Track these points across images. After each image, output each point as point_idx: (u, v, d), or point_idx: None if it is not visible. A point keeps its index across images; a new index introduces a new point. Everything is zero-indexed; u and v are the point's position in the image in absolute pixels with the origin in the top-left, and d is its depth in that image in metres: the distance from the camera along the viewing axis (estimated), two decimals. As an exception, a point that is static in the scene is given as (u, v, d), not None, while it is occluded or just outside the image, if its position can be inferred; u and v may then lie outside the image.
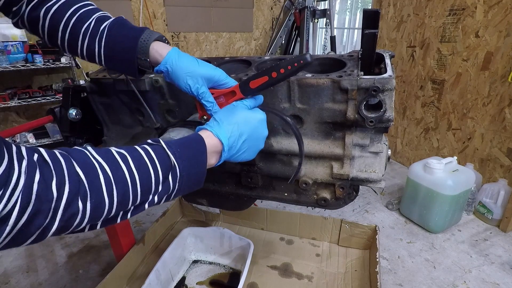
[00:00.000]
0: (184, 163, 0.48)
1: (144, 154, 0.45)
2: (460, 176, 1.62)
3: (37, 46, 2.49)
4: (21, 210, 0.31)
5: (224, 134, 0.54)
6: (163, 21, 3.25)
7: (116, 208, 0.41)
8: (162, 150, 0.47)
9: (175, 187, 0.48)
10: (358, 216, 1.85)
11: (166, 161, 0.46)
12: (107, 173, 0.40)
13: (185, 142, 0.51)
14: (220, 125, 0.55)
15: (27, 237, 0.34)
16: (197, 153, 0.51)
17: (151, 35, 0.60)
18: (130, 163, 0.43)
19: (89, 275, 1.42)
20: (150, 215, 1.87)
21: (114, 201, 0.40)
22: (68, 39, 0.61)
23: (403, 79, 2.40)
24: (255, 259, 1.22)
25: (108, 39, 0.60)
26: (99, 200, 0.39)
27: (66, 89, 0.90)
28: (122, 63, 0.62)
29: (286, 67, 0.55)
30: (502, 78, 1.74)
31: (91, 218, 0.39)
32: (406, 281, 1.38)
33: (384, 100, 0.63)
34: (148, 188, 0.44)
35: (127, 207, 0.43)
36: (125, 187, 0.42)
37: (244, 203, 0.94)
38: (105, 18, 0.61)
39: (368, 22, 0.61)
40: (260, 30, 3.82)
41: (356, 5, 3.42)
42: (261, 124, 0.61)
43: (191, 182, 0.51)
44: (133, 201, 0.43)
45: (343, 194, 0.76)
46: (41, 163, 0.34)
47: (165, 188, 0.47)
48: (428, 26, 2.11)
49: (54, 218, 0.35)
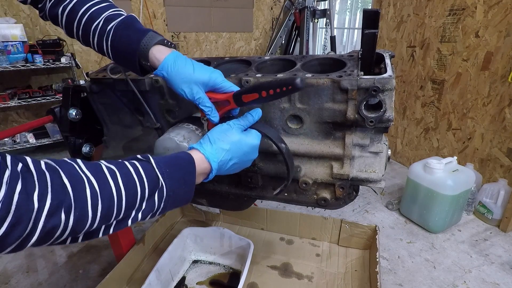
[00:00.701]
0: (172, 182, 0.49)
1: (133, 170, 0.45)
2: (460, 176, 1.62)
3: (37, 46, 2.49)
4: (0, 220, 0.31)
5: (214, 158, 0.56)
6: (163, 21, 3.25)
7: (99, 222, 0.41)
8: (151, 169, 0.47)
9: (160, 205, 0.49)
10: (358, 216, 1.85)
11: (154, 180, 0.47)
12: (94, 187, 0.40)
13: (175, 162, 0.51)
14: (212, 147, 0.56)
15: (4, 247, 0.33)
16: (185, 174, 0.52)
17: (152, 39, 0.61)
18: (118, 179, 0.43)
19: (89, 275, 1.42)
20: (150, 215, 1.87)
21: (98, 215, 0.40)
22: (82, 35, 0.65)
23: (403, 79, 2.40)
24: (255, 259, 1.22)
25: (114, 39, 0.62)
26: (82, 213, 0.38)
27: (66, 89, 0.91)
28: (127, 63, 0.64)
29: (275, 89, 0.55)
30: (502, 78, 1.74)
31: (72, 230, 0.38)
32: (406, 281, 1.38)
33: (384, 100, 0.63)
34: (132, 204, 0.45)
35: (109, 221, 0.43)
36: (110, 202, 0.42)
37: (244, 203, 0.94)
38: (114, 17, 0.63)
39: (368, 22, 0.61)
40: (260, 30, 3.82)
41: (356, 5, 3.42)
42: (253, 149, 0.62)
43: (177, 200, 0.52)
44: (116, 215, 0.43)
45: (343, 194, 0.76)
46: (24, 174, 0.34)
47: (150, 206, 0.47)
48: (428, 26, 2.11)
49: (35, 230, 0.34)
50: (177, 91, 0.62)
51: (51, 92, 2.67)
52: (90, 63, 3.01)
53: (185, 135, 0.66)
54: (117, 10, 0.65)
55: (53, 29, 2.75)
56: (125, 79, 0.79)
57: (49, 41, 2.56)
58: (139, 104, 0.84)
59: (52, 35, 2.70)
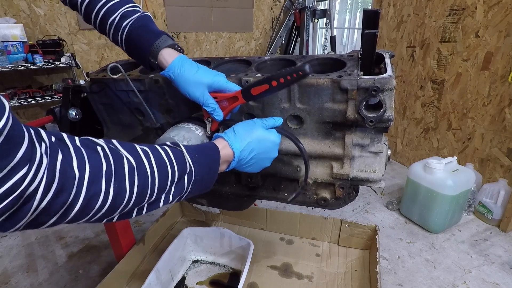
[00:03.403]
0: (199, 167, 0.52)
1: (164, 154, 0.48)
2: (460, 176, 1.62)
3: (37, 46, 2.49)
4: (47, 187, 0.32)
5: (238, 147, 0.59)
6: (163, 21, 3.25)
7: (135, 199, 0.42)
8: (181, 154, 0.50)
9: (188, 188, 0.52)
10: (358, 216, 1.85)
11: (183, 164, 0.50)
12: (131, 162, 0.42)
13: (202, 150, 0.55)
14: (236, 138, 0.60)
15: (50, 216, 0.34)
16: (211, 161, 0.55)
17: (163, 42, 0.66)
18: (151, 159, 0.45)
19: (89, 275, 1.42)
20: (150, 215, 1.87)
21: (134, 191, 0.42)
22: (99, 26, 0.69)
23: (403, 79, 2.40)
24: (255, 259, 1.22)
25: (128, 36, 0.67)
26: (121, 186, 0.40)
27: (66, 89, 0.91)
28: (138, 59, 0.69)
29: (286, 76, 0.57)
30: (502, 78, 1.74)
31: (111, 205, 0.39)
32: (406, 281, 1.38)
33: (384, 100, 0.63)
34: (164, 185, 0.47)
35: (143, 201, 0.45)
36: (145, 180, 0.43)
37: (244, 203, 0.94)
38: (129, 14, 0.67)
39: (368, 22, 0.61)
40: (260, 30, 3.82)
41: (356, 5, 3.42)
42: (274, 146, 0.65)
43: (202, 186, 0.55)
44: (149, 195, 0.45)
45: (343, 194, 0.76)
46: (60, 146, 0.36)
47: (180, 189, 0.50)
48: (428, 26, 2.11)
49: (78, 196, 0.35)
50: (182, 91, 0.66)
51: (51, 92, 2.67)
52: (90, 63, 3.01)
53: (185, 135, 0.66)
54: (133, 6, 0.69)
55: (53, 29, 2.75)
56: (125, 79, 0.79)
57: (49, 41, 2.56)
58: (139, 104, 0.84)
59: (52, 35, 2.70)
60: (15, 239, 1.67)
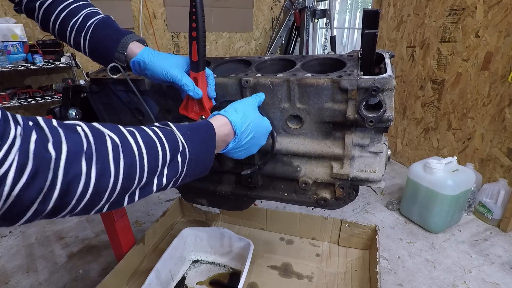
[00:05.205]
0: (193, 145, 0.48)
1: (151, 133, 0.44)
2: (460, 176, 1.62)
3: (37, 46, 2.49)
4: (19, 171, 0.29)
5: (240, 126, 0.55)
6: (163, 21, 3.24)
7: (122, 182, 0.38)
8: (171, 132, 0.47)
9: (183, 170, 0.47)
10: (358, 216, 1.85)
11: (174, 142, 0.46)
12: (115, 141, 0.38)
13: (194, 126, 0.51)
14: (238, 115, 0.56)
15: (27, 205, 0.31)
16: (206, 138, 0.51)
17: (133, 37, 0.68)
18: (138, 138, 0.41)
19: (89, 275, 1.42)
20: (150, 215, 1.87)
21: (120, 172, 0.38)
22: (58, 30, 0.69)
23: (403, 79, 2.39)
24: (255, 259, 1.22)
25: (93, 35, 0.67)
26: (104, 166, 0.36)
27: (66, 89, 0.91)
28: (102, 58, 0.70)
29: None
30: (502, 78, 1.74)
31: (95, 187, 0.35)
32: (406, 281, 1.38)
33: (384, 100, 0.63)
34: (155, 166, 0.43)
35: (133, 184, 0.40)
36: (132, 160, 0.39)
37: (244, 203, 0.94)
38: (93, 14, 0.69)
39: (368, 22, 0.61)
40: (260, 30, 3.82)
41: (356, 5, 3.42)
42: (266, 132, 0.65)
43: (199, 167, 0.50)
44: (139, 178, 0.41)
45: (343, 194, 0.76)
46: (35, 127, 0.33)
47: (174, 170, 0.46)
48: (428, 26, 2.11)
49: (55, 179, 0.32)
50: (157, 73, 0.66)
51: (51, 92, 2.66)
52: (90, 63, 3.01)
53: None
54: (94, 9, 0.70)
55: (53, 29, 2.75)
56: (125, 79, 0.79)
57: (49, 41, 2.56)
58: (139, 104, 0.84)
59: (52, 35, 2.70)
60: (15, 239, 1.67)
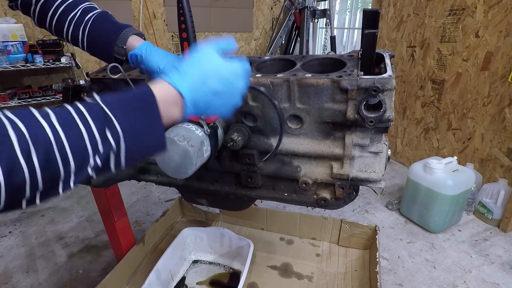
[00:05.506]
0: (126, 116, 0.41)
1: (72, 110, 0.38)
2: (460, 176, 1.62)
3: (37, 46, 2.49)
4: None
5: (185, 86, 0.47)
6: (163, 21, 3.24)
7: (42, 173, 0.34)
8: (94, 103, 0.40)
9: (120, 145, 0.40)
10: (358, 216, 1.85)
11: (98, 113, 0.39)
12: (20, 130, 0.32)
13: (125, 94, 0.44)
14: (181, 75, 0.47)
15: None
16: (142, 104, 0.43)
17: (132, 30, 0.69)
18: (52, 120, 0.36)
19: (89, 275, 1.42)
20: (150, 215, 1.87)
21: (35, 165, 0.33)
22: (55, 25, 0.69)
23: (403, 79, 2.39)
24: (255, 259, 1.22)
25: (92, 29, 0.67)
26: (11, 162, 0.31)
27: (66, 89, 0.91)
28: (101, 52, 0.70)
29: None
30: (502, 78, 1.74)
31: (9, 185, 0.31)
32: (406, 281, 1.38)
33: (384, 100, 0.63)
34: (81, 147, 0.37)
35: (58, 172, 0.35)
36: (46, 146, 0.34)
37: (244, 203, 0.94)
38: (90, 9, 0.69)
39: (368, 22, 0.61)
40: (260, 30, 3.82)
41: (356, 5, 3.42)
42: (236, 77, 0.52)
43: (140, 139, 0.43)
44: (64, 165, 0.35)
45: (343, 194, 0.76)
46: None
47: (106, 147, 0.39)
48: (428, 26, 2.11)
49: None
50: (151, 67, 0.67)
51: (51, 92, 2.66)
52: (90, 63, 3.01)
53: (185, 135, 0.66)
54: (91, 4, 0.71)
55: (53, 29, 2.75)
56: (125, 79, 0.79)
57: (49, 41, 2.56)
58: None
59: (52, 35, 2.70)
60: (15, 239, 1.67)
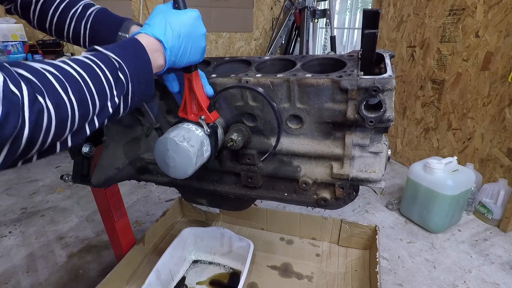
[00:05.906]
0: (128, 60, 0.48)
1: (84, 58, 0.44)
2: (460, 176, 1.62)
3: (37, 46, 2.49)
4: None
5: (159, 32, 0.54)
6: (163, 21, 3.24)
7: (78, 109, 0.40)
8: (100, 53, 0.46)
9: (129, 86, 0.49)
10: (358, 216, 1.85)
11: (108, 61, 0.45)
12: (54, 73, 0.38)
13: (120, 44, 0.50)
14: (152, 26, 0.55)
15: (2, 145, 0.32)
16: (137, 51, 0.50)
17: (134, 22, 0.72)
18: (73, 65, 0.41)
19: (89, 275, 1.42)
20: (150, 215, 1.87)
21: (73, 99, 0.39)
22: (56, 23, 0.71)
23: (403, 79, 2.40)
24: (255, 259, 1.22)
25: (94, 22, 0.70)
26: (56, 98, 0.37)
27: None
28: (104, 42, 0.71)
29: None
30: (502, 78, 1.74)
31: (57, 118, 0.37)
32: (406, 281, 1.38)
33: (384, 100, 0.63)
34: (102, 88, 0.43)
35: (88, 110, 0.42)
36: (77, 84, 0.40)
37: (244, 203, 0.94)
38: (90, 5, 0.72)
39: (368, 22, 0.61)
40: (260, 30, 3.82)
41: (356, 5, 3.42)
42: (197, 21, 0.63)
43: (142, 82, 0.51)
44: (92, 103, 0.42)
45: (343, 194, 0.76)
46: None
47: (120, 87, 0.47)
48: (428, 26, 2.11)
49: (24, 118, 0.33)
50: None
51: (51, 92, 2.67)
52: (90, 63, 3.01)
53: (185, 135, 0.66)
54: (90, 1, 0.74)
55: (53, 29, 2.75)
56: None
57: (49, 41, 2.56)
58: (139, 104, 0.84)
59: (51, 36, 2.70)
60: (15, 239, 1.67)
